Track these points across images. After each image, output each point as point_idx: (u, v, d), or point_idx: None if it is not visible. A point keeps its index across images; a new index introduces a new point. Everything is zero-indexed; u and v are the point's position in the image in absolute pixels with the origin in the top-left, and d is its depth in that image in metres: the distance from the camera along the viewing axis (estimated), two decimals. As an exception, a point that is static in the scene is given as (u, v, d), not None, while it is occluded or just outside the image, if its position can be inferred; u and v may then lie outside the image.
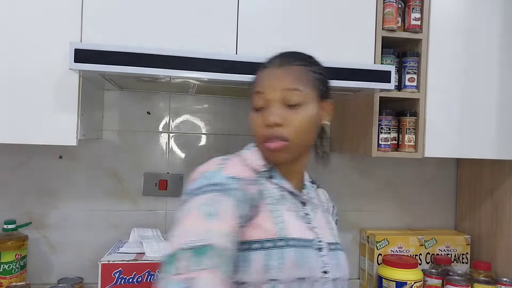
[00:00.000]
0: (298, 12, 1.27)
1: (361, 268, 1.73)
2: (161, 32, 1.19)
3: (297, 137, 0.82)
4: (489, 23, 1.43)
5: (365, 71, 1.17)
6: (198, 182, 0.76)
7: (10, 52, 1.15)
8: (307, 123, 0.82)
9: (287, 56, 0.87)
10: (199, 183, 0.75)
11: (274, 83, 0.83)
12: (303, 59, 0.87)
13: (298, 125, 0.81)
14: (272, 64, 0.86)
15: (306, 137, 0.84)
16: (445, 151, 1.41)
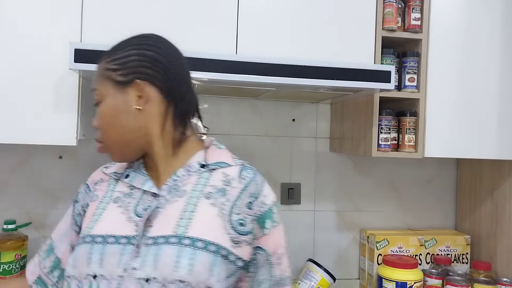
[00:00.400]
0: (298, 12, 1.27)
1: (361, 268, 1.73)
2: (161, 32, 1.19)
3: (107, 136, 0.79)
4: (489, 23, 1.43)
5: (365, 71, 1.17)
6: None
7: (10, 52, 1.15)
8: (108, 118, 0.78)
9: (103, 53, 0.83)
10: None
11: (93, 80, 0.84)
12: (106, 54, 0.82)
13: (101, 124, 0.79)
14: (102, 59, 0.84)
15: (118, 132, 0.78)
16: (445, 151, 1.41)
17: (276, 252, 0.81)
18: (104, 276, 0.73)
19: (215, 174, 0.82)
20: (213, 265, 0.72)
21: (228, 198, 0.79)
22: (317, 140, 1.72)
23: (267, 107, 1.68)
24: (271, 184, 1.66)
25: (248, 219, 0.78)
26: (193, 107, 0.85)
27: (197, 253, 0.72)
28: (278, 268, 0.82)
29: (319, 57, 1.27)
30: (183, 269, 0.70)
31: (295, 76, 1.13)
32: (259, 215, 0.79)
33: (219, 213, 0.77)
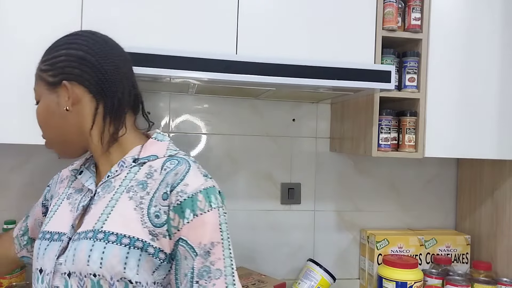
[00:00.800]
0: (298, 12, 1.27)
1: (361, 268, 1.73)
2: (161, 32, 1.19)
3: (45, 135, 0.85)
4: (489, 23, 1.42)
5: (365, 71, 1.17)
6: None
7: (10, 52, 1.15)
8: (43, 116, 0.83)
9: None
10: None
11: None
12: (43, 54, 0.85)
13: (39, 123, 0.84)
14: None
15: (49, 131, 0.83)
16: (445, 151, 1.41)
17: (201, 243, 0.74)
18: (45, 271, 0.77)
19: (143, 168, 0.81)
20: (127, 258, 0.72)
21: (148, 192, 0.77)
22: (317, 140, 1.72)
23: (267, 107, 1.68)
24: (271, 184, 1.68)
25: (162, 210, 0.75)
26: (128, 103, 0.84)
27: (108, 246, 0.72)
28: (204, 260, 0.73)
29: (319, 57, 1.27)
30: (94, 263, 0.71)
31: (295, 76, 1.13)
32: (176, 205, 0.74)
33: (136, 206, 0.76)
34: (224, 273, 0.74)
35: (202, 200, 0.75)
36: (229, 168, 1.65)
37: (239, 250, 1.66)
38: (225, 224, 0.77)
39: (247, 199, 1.66)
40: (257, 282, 1.46)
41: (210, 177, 0.80)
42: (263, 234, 1.68)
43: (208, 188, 0.77)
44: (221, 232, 0.76)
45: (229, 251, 0.76)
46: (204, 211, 0.75)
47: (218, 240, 0.75)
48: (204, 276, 0.73)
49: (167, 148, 0.85)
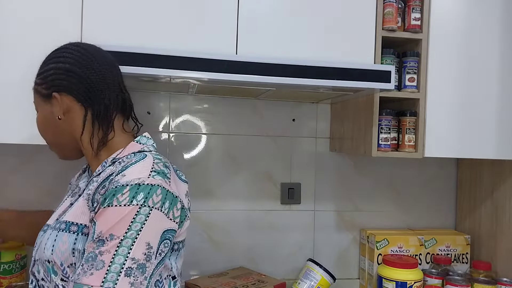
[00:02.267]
0: (298, 12, 1.27)
1: (361, 268, 1.73)
2: (161, 32, 1.19)
3: (46, 140, 0.94)
4: (489, 23, 1.43)
5: (365, 71, 1.17)
6: None
7: (10, 52, 1.15)
8: (41, 125, 0.92)
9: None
10: None
11: None
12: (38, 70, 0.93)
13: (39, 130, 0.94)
14: None
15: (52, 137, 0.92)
16: (445, 151, 1.41)
17: (101, 231, 0.73)
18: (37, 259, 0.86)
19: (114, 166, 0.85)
20: (75, 243, 0.78)
21: (97, 180, 0.84)
22: (317, 140, 1.72)
23: (267, 107, 1.68)
24: (271, 184, 1.68)
25: (98, 197, 0.78)
26: (115, 107, 0.89)
27: (59, 234, 0.81)
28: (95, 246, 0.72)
29: (319, 57, 1.27)
30: (47, 250, 0.80)
31: (295, 76, 1.13)
32: (106, 192, 0.76)
33: (85, 195, 0.84)
34: (108, 268, 0.70)
35: (125, 194, 0.74)
36: (229, 168, 1.65)
37: (239, 250, 1.66)
38: (141, 225, 0.73)
39: (247, 199, 1.66)
40: (257, 282, 1.46)
41: (165, 177, 0.78)
42: (263, 234, 1.68)
43: (144, 184, 0.75)
44: (128, 230, 0.72)
45: (128, 251, 0.71)
46: (120, 204, 0.73)
47: (118, 235, 0.72)
48: (88, 262, 0.72)
49: (141, 149, 0.88)
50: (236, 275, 1.52)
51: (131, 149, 0.88)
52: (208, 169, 1.63)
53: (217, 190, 1.63)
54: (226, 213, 1.65)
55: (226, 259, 1.64)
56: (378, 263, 1.60)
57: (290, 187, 1.69)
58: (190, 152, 1.63)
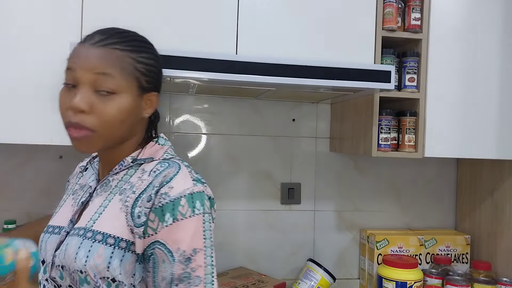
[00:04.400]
0: (298, 12, 1.27)
1: (361, 268, 1.73)
2: (161, 32, 1.19)
3: (104, 129, 0.74)
4: (489, 23, 1.43)
5: (365, 71, 1.17)
6: None
7: (10, 52, 1.15)
8: (119, 115, 0.75)
9: (111, 35, 0.77)
10: None
11: (86, 62, 0.74)
12: (129, 43, 0.78)
13: (108, 115, 0.74)
14: (90, 40, 0.76)
15: (118, 129, 0.76)
16: (445, 151, 1.41)
17: (179, 249, 0.72)
18: (45, 262, 0.81)
19: (138, 171, 0.81)
20: (111, 257, 0.73)
21: (134, 191, 0.77)
22: (317, 140, 1.72)
23: (267, 107, 1.68)
24: (271, 184, 1.68)
25: (144, 211, 0.73)
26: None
27: (94, 245, 0.74)
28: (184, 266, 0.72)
29: (319, 57, 1.27)
30: (80, 260, 0.73)
31: (295, 76, 1.13)
32: (158, 207, 0.73)
33: (122, 206, 0.76)
34: (204, 281, 0.72)
35: (185, 205, 0.73)
36: (229, 168, 1.65)
37: (239, 250, 1.66)
38: (210, 231, 0.75)
39: (247, 199, 1.66)
40: (257, 282, 1.46)
41: (203, 182, 0.79)
42: (263, 234, 1.68)
43: (195, 193, 0.75)
44: (204, 239, 0.74)
45: (211, 259, 0.74)
46: (185, 217, 0.73)
47: (201, 247, 0.73)
48: (183, 281, 0.71)
49: (164, 152, 0.85)
50: (236, 275, 1.52)
51: (152, 151, 0.84)
52: (208, 169, 1.63)
53: (217, 190, 1.63)
54: (226, 213, 1.65)
55: (226, 259, 1.64)
56: (378, 263, 1.60)
57: (290, 187, 1.69)
58: (190, 152, 1.63)
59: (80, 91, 0.73)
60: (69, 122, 0.74)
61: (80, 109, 0.72)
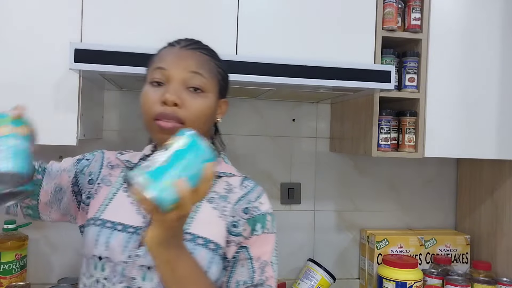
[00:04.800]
0: (298, 12, 1.27)
1: (361, 268, 1.73)
2: (161, 32, 1.19)
3: (193, 122, 0.79)
4: (489, 23, 1.42)
5: (365, 71, 1.17)
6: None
7: (10, 52, 1.15)
8: (205, 111, 0.82)
9: (194, 41, 0.87)
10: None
11: (179, 61, 0.81)
12: (209, 50, 0.88)
13: (196, 110, 0.80)
14: (178, 44, 0.85)
15: (202, 125, 0.82)
16: (445, 151, 1.41)
17: (260, 258, 0.81)
18: (110, 258, 0.78)
19: (219, 182, 0.87)
20: (211, 262, 0.77)
21: (228, 202, 0.84)
22: (317, 140, 1.72)
23: (267, 107, 1.68)
24: (271, 184, 1.68)
25: (241, 221, 0.81)
26: None
27: (197, 248, 0.76)
28: (261, 274, 0.81)
29: (319, 57, 1.27)
30: None
31: (295, 76, 1.13)
32: (251, 217, 0.82)
33: (220, 214, 0.82)
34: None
35: (270, 221, 0.85)
36: (229, 168, 1.65)
37: (239, 250, 1.66)
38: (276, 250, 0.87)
39: (247, 199, 1.66)
40: (257, 282, 1.46)
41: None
42: (263, 234, 1.67)
43: (273, 214, 0.87)
44: (276, 255, 0.86)
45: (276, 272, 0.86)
46: (269, 231, 0.85)
47: (274, 261, 0.84)
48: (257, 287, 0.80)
49: (236, 170, 0.93)
50: (236, 275, 1.52)
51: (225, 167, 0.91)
52: (208, 169, 1.63)
53: (217, 190, 1.63)
54: (226, 213, 1.64)
55: (226, 259, 1.64)
56: (378, 263, 1.60)
57: (290, 187, 1.69)
58: (190, 152, 1.62)
59: (173, 87, 0.79)
60: (160, 113, 0.78)
61: (174, 102, 0.77)
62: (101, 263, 0.79)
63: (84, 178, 0.91)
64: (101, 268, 0.79)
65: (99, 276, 0.79)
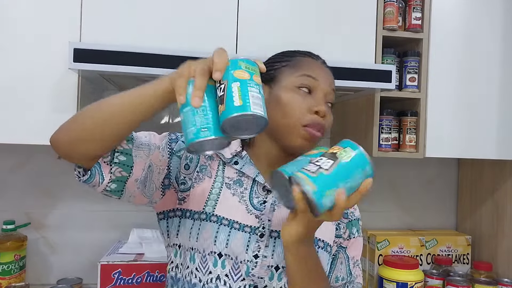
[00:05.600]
0: (298, 12, 1.26)
1: (362, 269, 1.72)
2: (161, 32, 1.19)
3: (326, 133, 0.84)
4: (490, 22, 1.42)
5: (365, 71, 1.16)
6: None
7: (10, 52, 1.14)
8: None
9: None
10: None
11: (326, 76, 0.85)
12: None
13: (331, 123, 0.84)
14: (318, 59, 0.89)
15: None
16: (446, 151, 1.40)
17: (354, 258, 0.92)
18: (230, 256, 0.79)
19: None
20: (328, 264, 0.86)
21: None
22: (317, 140, 1.72)
23: (267, 107, 1.67)
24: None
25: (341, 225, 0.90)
26: None
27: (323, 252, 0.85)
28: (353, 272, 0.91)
29: (320, 56, 1.26)
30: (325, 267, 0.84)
31: (295, 76, 1.12)
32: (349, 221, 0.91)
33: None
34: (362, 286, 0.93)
35: (361, 226, 0.94)
36: (229, 168, 1.64)
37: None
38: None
39: (247, 200, 1.65)
40: (257, 283, 1.46)
41: None
42: (263, 234, 1.67)
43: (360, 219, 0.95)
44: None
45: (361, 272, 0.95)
46: (360, 235, 0.93)
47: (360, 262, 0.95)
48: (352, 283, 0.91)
49: None
50: (236, 276, 1.51)
51: None
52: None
53: (217, 191, 1.63)
54: (226, 214, 1.64)
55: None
56: (378, 263, 1.59)
57: (291, 187, 1.68)
58: (190, 152, 1.62)
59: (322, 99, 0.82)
60: (312, 122, 0.80)
61: (326, 114, 0.81)
62: (221, 261, 0.79)
63: (179, 161, 0.84)
64: (221, 265, 0.79)
65: (220, 273, 0.79)
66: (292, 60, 0.86)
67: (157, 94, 0.69)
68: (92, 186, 0.76)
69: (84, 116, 0.73)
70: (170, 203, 0.85)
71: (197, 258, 0.81)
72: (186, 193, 0.84)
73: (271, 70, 0.84)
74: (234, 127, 0.64)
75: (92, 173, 0.74)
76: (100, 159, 0.74)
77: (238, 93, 0.62)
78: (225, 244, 0.79)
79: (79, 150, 0.73)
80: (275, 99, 0.81)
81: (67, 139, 0.73)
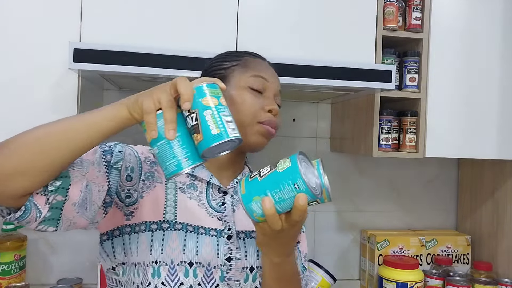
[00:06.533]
0: (298, 12, 1.26)
1: (362, 268, 1.72)
2: (161, 32, 1.19)
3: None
4: (490, 22, 1.42)
5: (365, 71, 1.16)
6: None
7: (9, 52, 1.14)
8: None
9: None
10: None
11: (276, 78, 0.90)
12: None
13: (280, 123, 0.90)
14: (265, 60, 0.92)
15: None
16: (446, 151, 1.40)
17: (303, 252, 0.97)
18: (201, 264, 0.77)
19: None
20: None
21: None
22: (317, 140, 1.72)
23: (267, 107, 1.67)
24: (271, 184, 1.67)
25: None
26: None
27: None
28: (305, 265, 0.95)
29: (320, 56, 1.26)
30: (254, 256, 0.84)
31: (295, 76, 1.12)
32: None
33: None
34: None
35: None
36: (229, 168, 1.64)
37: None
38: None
39: (247, 200, 1.65)
40: (257, 283, 1.46)
41: None
42: (263, 234, 1.67)
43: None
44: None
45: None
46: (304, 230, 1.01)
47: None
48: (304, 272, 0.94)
49: None
50: (236, 276, 1.51)
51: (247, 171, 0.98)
52: (208, 169, 1.62)
53: (217, 191, 1.63)
54: (226, 214, 1.64)
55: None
56: (378, 263, 1.59)
57: (291, 187, 1.68)
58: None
59: (272, 99, 0.88)
60: (267, 120, 0.85)
61: (278, 113, 0.87)
62: (193, 269, 0.76)
63: (119, 174, 0.77)
64: (193, 274, 0.76)
65: (192, 283, 0.76)
66: (242, 60, 0.87)
67: (116, 121, 0.65)
68: (26, 223, 0.64)
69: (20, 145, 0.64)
70: (116, 221, 0.79)
71: (162, 272, 0.75)
72: (133, 206, 0.79)
73: (220, 70, 0.87)
74: (212, 152, 0.66)
75: (26, 207, 0.62)
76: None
77: (213, 121, 0.63)
78: (195, 251, 0.77)
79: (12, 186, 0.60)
80: (228, 98, 0.81)
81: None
